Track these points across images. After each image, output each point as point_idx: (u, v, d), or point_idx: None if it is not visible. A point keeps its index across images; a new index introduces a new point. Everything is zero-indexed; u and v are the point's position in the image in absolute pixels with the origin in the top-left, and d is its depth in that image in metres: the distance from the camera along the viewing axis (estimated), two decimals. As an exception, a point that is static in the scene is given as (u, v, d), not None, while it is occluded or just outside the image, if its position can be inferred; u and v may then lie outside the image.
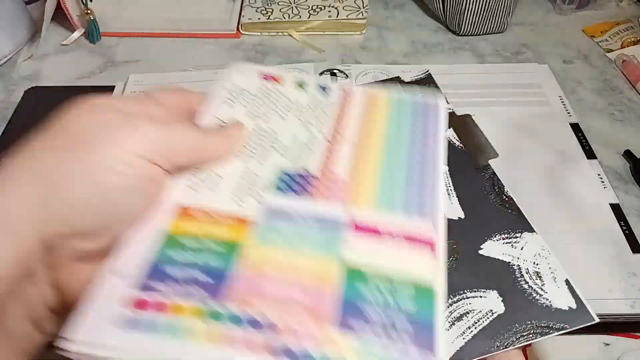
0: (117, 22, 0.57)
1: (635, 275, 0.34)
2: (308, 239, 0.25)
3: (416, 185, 0.28)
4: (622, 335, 0.33)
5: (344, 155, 0.30)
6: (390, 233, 0.26)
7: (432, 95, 0.34)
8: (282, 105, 0.32)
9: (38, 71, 0.53)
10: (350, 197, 0.28)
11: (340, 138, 0.31)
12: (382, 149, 0.31)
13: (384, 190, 0.28)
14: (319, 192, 0.28)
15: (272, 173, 0.28)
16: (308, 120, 0.32)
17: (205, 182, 0.28)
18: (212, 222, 0.26)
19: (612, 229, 0.37)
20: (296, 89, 0.34)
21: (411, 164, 0.30)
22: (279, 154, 0.30)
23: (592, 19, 0.61)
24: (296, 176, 0.29)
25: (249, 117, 0.31)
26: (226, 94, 0.32)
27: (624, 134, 0.46)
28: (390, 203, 0.27)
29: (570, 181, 0.40)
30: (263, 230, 0.25)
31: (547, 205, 0.38)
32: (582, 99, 0.50)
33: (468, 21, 0.56)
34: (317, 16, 0.57)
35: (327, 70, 0.50)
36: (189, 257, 0.24)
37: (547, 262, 0.31)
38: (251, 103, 0.32)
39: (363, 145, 0.31)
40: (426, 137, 0.31)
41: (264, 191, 0.27)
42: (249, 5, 0.59)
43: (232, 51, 0.56)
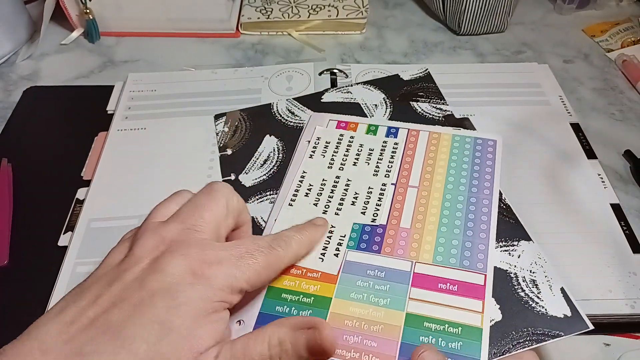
0: (117, 21, 0.57)
1: (635, 274, 0.34)
2: (379, 291, 0.30)
3: (471, 239, 0.32)
4: (623, 335, 0.33)
5: (409, 201, 0.35)
6: (446, 284, 0.30)
7: (490, 132, 0.39)
8: (355, 152, 0.38)
9: (37, 71, 0.53)
10: (413, 248, 0.32)
11: (406, 181, 0.36)
12: (443, 191, 0.35)
13: (442, 244, 0.32)
14: (387, 244, 0.32)
15: (349, 227, 0.33)
16: (377, 164, 0.37)
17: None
18: (304, 277, 0.31)
19: (612, 229, 0.37)
20: (368, 134, 0.39)
21: (468, 210, 0.34)
22: (354, 207, 0.34)
23: (592, 19, 0.60)
24: (369, 229, 0.33)
25: (328, 168, 0.37)
26: (310, 147, 0.39)
27: (624, 134, 0.46)
28: (447, 256, 0.31)
29: (570, 181, 0.40)
30: (343, 285, 0.30)
31: (547, 205, 0.38)
32: (582, 99, 0.50)
33: (468, 20, 0.56)
34: (316, 15, 0.57)
35: (326, 70, 0.50)
36: (289, 310, 0.29)
37: (543, 270, 0.32)
38: (329, 152, 0.38)
39: (426, 187, 0.35)
40: (483, 175, 0.36)
41: (342, 247, 0.32)
42: (248, 4, 0.59)
43: (231, 50, 0.56)
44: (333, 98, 0.44)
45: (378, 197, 0.35)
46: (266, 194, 0.37)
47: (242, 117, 0.43)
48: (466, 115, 0.45)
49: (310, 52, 0.55)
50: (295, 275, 0.31)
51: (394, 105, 0.43)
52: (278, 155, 0.39)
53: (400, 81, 0.46)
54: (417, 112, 0.41)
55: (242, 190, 0.36)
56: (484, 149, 0.38)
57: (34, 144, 0.45)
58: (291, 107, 0.43)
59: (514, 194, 0.39)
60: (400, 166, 0.37)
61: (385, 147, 0.38)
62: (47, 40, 0.56)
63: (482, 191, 0.35)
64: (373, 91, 0.44)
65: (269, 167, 0.39)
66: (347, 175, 0.36)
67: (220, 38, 0.57)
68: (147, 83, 0.49)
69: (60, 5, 0.55)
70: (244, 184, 0.38)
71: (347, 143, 0.38)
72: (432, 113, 0.41)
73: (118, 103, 0.47)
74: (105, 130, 0.44)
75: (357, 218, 0.34)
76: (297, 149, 0.39)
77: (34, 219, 0.39)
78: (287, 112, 0.43)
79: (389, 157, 0.37)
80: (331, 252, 0.32)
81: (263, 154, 0.40)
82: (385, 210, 0.34)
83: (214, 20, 0.56)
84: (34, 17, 0.59)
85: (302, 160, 0.38)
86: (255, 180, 0.38)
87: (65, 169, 0.42)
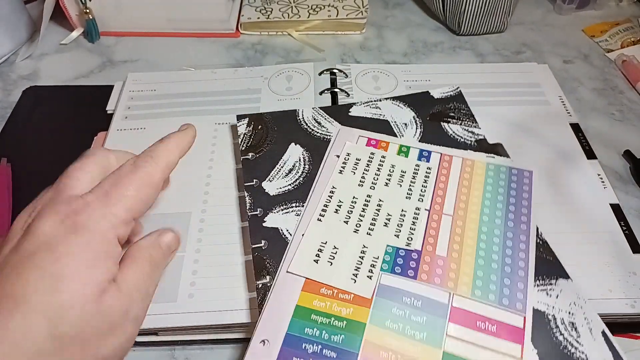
0: (116, 21, 0.57)
1: (635, 274, 0.34)
2: (416, 324, 0.28)
3: (509, 275, 0.31)
4: (622, 335, 0.33)
5: (444, 229, 0.33)
6: (484, 322, 0.29)
7: (523, 163, 0.38)
8: (387, 172, 0.37)
9: (36, 70, 0.53)
10: (451, 278, 0.30)
11: (439, 208, 0.34)
12: (479, 222, 0.33)
13: (480, 277, 0.31)
14: (423, 270, 0.31)
15: (382, 248, 0.32)
16: (410, 187, 0.36)
17: (325, 254, 0.32)
18: (335, 297, 0.29)
19: (612, 229, 0.37)
20: (399, 155, 0.38)
21: (505, 245, 0.32)
22: (387, 228, 0.33)
23: (592, 19, 0.60)
24: (403, 253, 0.32)
25: (358, 185, 0.36)
26: (339, 162, 0.37)
27: (624, 134, 0.46)
28: (485, 292, 0.30)
29: (569, 181, 0.40)
30: (378, 311, 0.29)
31: (547, 205, 0.38)
32: (582, 99, 0.50)
33: (468, 21, 0.56)
34: (316, 16, 0.57)
35: (326, 70, 0.50)
36: (320, 333, 0.28)
37: (582, 311, 0.30)
38: (360, 170, 0.37)
39: (461, 217, 0.34)
40: (520, 208, 0.34)
41: (375, 269, 0.31)
42: (248, 4, 0.59)
43: (231, 50, 0.56)
44: (361, 112, 0.42)
45: (412, 222, 0.34)
46: (291, 206, 0.36)
47: (267, 121, 0.42)
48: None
49: (310, 52, 0.55)
50: (325, 296, 0.29)
51: (425, 125, 0.41)
52: (304, 166, 0.38)
53: (431, 99, 0.44)
54: (448, 135, 0.40)
55: (265, 198, 0.36)
56: (519, 180, 0.36)
57: (33, 143, 0.45)
58: (317, 116, 0.42)
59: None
60: (433, 192, 0.35)
61: (418, 171, 0.37)
62: (47, 40, 0.56)
63: (519, 226, 0.33)
64: (402, 108, 0.42)
65: (295, 178, 0.37)
66: (379, 195, 0.35)
67: (220, 38, 0.57)
68: (146, 83, 0.49)
69: (60, 5, 0.55)
70: (268, 191, 0.36)
71: (379, 162, 0.37)
72: (464, 136, 0.40)
73: (117, 103, 0.47)
74: (104, 130, 0.44)
75: (390, 240, 0.33)
76: (325, 163, 0.38)
77: (34, 218, 0.39)
78: (314, 122, 0.41)
79: (422, 182, 0.36)
80: (364, 274, 0.31)
81: (288, 162, 0.38)
82: (420, 236, 0.33)
83: (214, 20, 0.56)
84: (34, 17, 0.58)
85: (332, 174, 0.37)
86: (280, 189, 0.37)
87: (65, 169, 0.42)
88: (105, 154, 0.27)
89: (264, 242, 0.33)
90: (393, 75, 0.49)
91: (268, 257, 0.33)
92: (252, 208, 0.35)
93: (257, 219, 0.35)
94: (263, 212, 0.35)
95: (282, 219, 0.35)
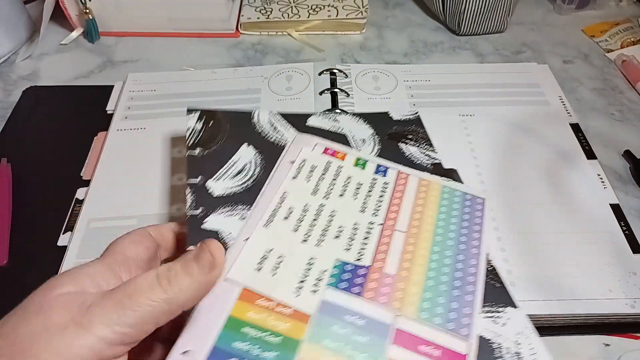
0: (116, 21, 0.56)
1: (635, 274, 0.34)
2: (356, 344, 0.27)
3: (457, 299, 0.30)
4: (622, 335, 0.33)
5: (395, 246, 0.32)
6: (428, 346, 0.27)
7: (478, 189, 0.36)
8: (343, 183, 0.35)
9: (36, 71, 0.53)
10: (397, 297, 0.29)
11: (393, 223, 0.33)
12: (431, 242, 0.32)
13: (428, 298, 0.29)
14: (370, 288, 0.29)
15: (331, 262, 0.30)
16: (365, 200, 0.34)
17: (269, 263, 0.30)
18: (272, 310, 0.27)
19: (612, 229, 0.37)
20: (356, 167, 0.36)
21: (455, 268, 0.31)
22: (338, 240, 0.32)
23: (591, 19, 0.60)
24: (350, 267, 0.30)
25: (312, 194, 0.34)
26: (294, 168, 0.35)
27: (624, 134, 0.46)
28: (432, 314, 0.29)
29: (569, 181, 0.40)
30: (318, 328, 0.27)
31: (546, 205, 0.38)
32: (581, 99, 0.50)
33: (468, 20, 0.56)
34: (316, 16, 0.57)
35: (326, 70, 0.50)
36: (250, 348, 0.26)
37: (528, 342, 0.29)
38: (315, 178, 0.35)
39: (414, 235, 0.33)
40: (471, 233, 0.33)
41: (321, 283, 0.29)
42: (248, 4, 0.59)
43: (231, 50, 0.56)
44: (320, 123, 0.40)
45: (364, 236, 0.32)
46: (237, 209, 0.33)
47: (220, 118, 0.39)
48: (466, 114, 0.45)
49: (310, 52, 0.55)
50: (262, 308, 0.27)
51: (382, 143, 0.39)
52: (255, 169, 0.35)
53: (390, 120, 0.42)
54: (405, 155, 0.38)
55: (208, 198, 0.33)
56: (472, 206, 0.35)
57: (33, 143, 0.45)
58: (274, 121, 0.39)
59: (513, 195, 0.39)
60: (388, 207, 0.34)
61: (374, 185, 0.35)
62: (47, 40, 0.56)
63: (470, 250, 0.32)
64: (361, 125, 0.40)
65: (243, 180, 0.35)
66: (332, 206, 0.33)
67: (220, 38, 0.57)
68: (146, 83, 0.49)
69: (60, 5, 0.55)
70: (212, 191, 0.34)
71: (335, 172, 0.36)
72: (421, 159, 0.38)
73: (118, 103, 0.47)
74: (104, 130, 0.44)
75: (340, 254, 0.31)
76: (278, 167, 0.35)
77: (34, 219, 0.39)
78: (269, 126, 0.39)
79: (378, 196, 0.34)
80: (309, 288, 0.29)
81: (238, 163, 0.36)
82: (371, 251, 0.31)
83: (214, 20, 0.56)
84: (34, 17, 0.58)
85: (285, 180, 0.35)
86: (226, 190, 0.34)
87: (65, 169, 0.42)
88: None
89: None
90: (393, 75, 0.49)
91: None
92: (193, 207, 0.33)
93: (197, 219, 0.32)
94: (204, 212, 0.32)
95: (224, 221, 0.32)
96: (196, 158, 0.35)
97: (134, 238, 0.27)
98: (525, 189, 0.39)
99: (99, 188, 0.40)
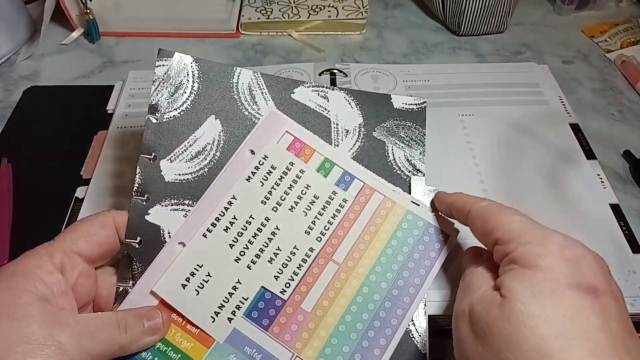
0: (117, 21, 0.57)
1: (635, 273, 0.34)
2: None
3: (362, 351, 0.28)
4: (622, 335, 0.33)
5: (324, 279, 0.29)
6: None
7: (448, 222, 0.31)
8: (298, 194, 0.31)
9: (37, 71, 0.53)
10: (302, 338, 0.28)
11: (332, 251, 0.30)
12: (364, 279, 0.29)
13: (332, 344, 0.28)
14: (279, 322, 0.28)
15: (255, 289, 0.28)
16: (315, 219, 0.31)
17: (195, 281, 0.28)
18: (183, 327, 0.27)
19: (612, 229, 0.37)
20: (319, 171, 0.32)
21: (377, 316, 0.28)
22: (270, 266, 0.29)
23: (591, 19, 0.61)
24: (269, 298, 0.28)
25: (262, 202, 0.31)
26: (251, 166, 0.31)
27: (624, 134, 0.46)
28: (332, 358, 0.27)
29: (569, 181, 0.40)
30: (216, 355, 0.27)
31: (546, 205, 0.38)
32: (581, 99, 0.50)
33: (468, 21, 0.56)
34: (316, 16, 0.57)
35: (326, 70, 0.50)
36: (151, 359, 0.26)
37: None
38: (270, 183, 0.31)
39: (348, 269, 0.30)
40: (416, 272, 0.30)
41: (239, 312, 0.28)
42: (248, 5, 0.59)
43: (231, 51, 0.56)
44: (306, 97, 0.34)
45: (297, 264, 0.29)
46: (183, 203, 0.30)
47: (192, 73, 0.33)
48: (466, 114, 0.45)
49: (310, 53, 0.56)
50: (174, 322, 0.27)
51: (367, 139, 0.34)
52: (215, 153, 0.31)
53: (389, 107, 0.35)
54: (387, 160, 0.33)
55: (158, 182, 0.30)
56: (431, 240, 0.30)
57: (34, 143, 0.45)
58: (254, 87, 0.33)
59: (513, 195, 0.39)
60: (334, 231, 0.30)
61: (332, 201, 0.31)
62: (48, 40, 0.56)
63: (403, 298, 0.29)
64: (352, 109, 0.34)
65: (200, 165, 0.31)
66: (278, 221, 0.30)
67: (220, 38, 0.57)
68: (148, 81, 0.49)
69: (61, 5, 0.55)
70: (164, 174, 0.30)
71: (293, 178, 0.31)
72: (402, 168, 0.33)
73: (118, 101, 0.47)
74: (104, 129, 0.44)
75: (267, 281, 0.29)
76: (235, 158, 0.31)
77: (34, 218, 0.39)
78: (247, 92, 0.33)
79: (330, 216, 0.31)
80: (226, 315, 0.28)
81: (200, 141, 0.31)
82: (296, 282, 0.29)
83: (214, 20, 0.56)
84: (34, 17, 0.59)
85: (237, 180, 0.31)
86: (178, 177, 0.30)
87: (65, 168, 0.42)
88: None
89: (140, 239, 0.29)
90: (392, 75, 0.49)
91: (138, 260, 0.28)
92: (139, 191, 0.29)
93: (141, 207, 0.29)
94: (150, 200, 0.29)
95: (168, 216, 0.29)
96: (154, 125, 0.31)
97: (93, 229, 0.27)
98: (525, 189, 0.39)
99: (99, 187, 0.40)
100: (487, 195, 0.35)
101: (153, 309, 0.27)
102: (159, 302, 0.28)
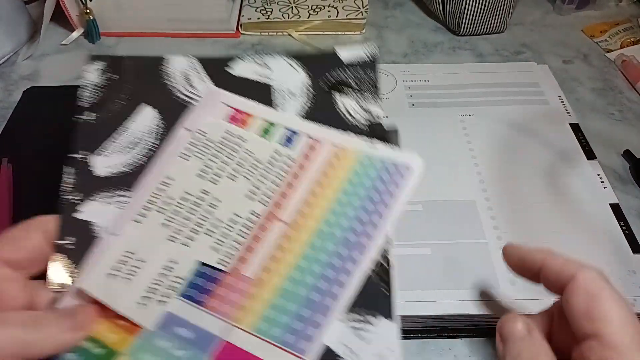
0: (117, 22, 0.57)
1: (635, 273, 0.34)
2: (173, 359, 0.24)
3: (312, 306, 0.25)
4: (622, 335, 0.33)
5: (269, 241, 0.27)
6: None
7: (410, 154, 0.28)
8: (237, 162, 0.29)
9: (37, 71, 0.53)
10: (242, 306, 0.25)
11: (278, 211, 0.28)
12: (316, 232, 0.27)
13: (279, 305, 0.25)
14: (217, 294, 0.26)
15: (192, 267, 0.26)
16: (258, 183, 0.28)
17: (127, 267, 0.26)
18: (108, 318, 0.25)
19: (612, 229, 0.37)
20: (260, 137, 0.30)
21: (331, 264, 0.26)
22: (209, 238, 0.27)
23: (591, 19, 0.61)
24: (206, 272, 0.26)
25: (198, 176, 0.28)
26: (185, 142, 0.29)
27: (624, 134, 0.46)
28: (272, 325, 0.25)
29: (569, 181, 0.40)
30: (142, 342, 0.25)
31: (546, 205, 0.38)
32: (581, 99, 0.50)
33: (468, 21, 0.56)
34: (316, 16, 0.57)
35: (326, 70, 0.50)
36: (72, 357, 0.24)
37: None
38: (207, 156, 0.29)
39: (298, 226, 0.27)
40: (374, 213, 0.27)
41: (173, 293, 0.26)
42: (248, 5, 0.59)
43: (231, 51, 0.56)
44: (246, 72, 0.32)
45: (241, 232, 0.27)
46: (117, 195, 0.28)
47: (126, 69, 0.32)
48: (466, 114, 0.45)
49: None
50: (103, 317, 0.25)
51: (317, 97, 0.31)
52: (155, 142, 0.29)
53: (337, 63, 0.32)
54: (339, 112, 0.31)
55: (89, 179, 0.28)
56: (392, 177, 0.28)
57: (34, 143, 0.45)
58: (190, 72, 0.32)
59: (513, 194, 0.39)
60: (281, 192, 0.28)
61: (276, 162, 0.29)
62: (48, 40, 0.56)
63: (360, 240, 0.26)
64: (297, 72, 0.32)
65: (137, 156, 0.29)
66: (219, 193, 0.28)
67: (220, 38, 0.57)
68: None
69: (61, 5, 0.55)
70: (95, 170, 0.29)
71: (233, 147, 0.29)
72: (357, 117, 0.30)
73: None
74: (105, 130, 0.44)
75: (206, 256, 0.26)
76: (170, 138, 0.30)
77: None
78: (182, 79, 0.32)
79: (275, 176, 0.28)
80: (157, 298, 0.25)
81: (133, 132, 0.30)
82: (239, 250, 0.27)
83: (214, 20, 0.56)
84: (34, 17, 0.59)
85: (171, 160, 0.29)
86: (112, 170, 0.29)
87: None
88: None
89: (73, 239, 0.27)
90: (392, 75, 0.49)
91: (71, 260, 0.26)
92: (69, 191, 0.28)
93: (70, 206, 0.28)
94: (82, 197, 0.28)
95: (100, 210, 0.28)
96: (83, 125, 0.30)
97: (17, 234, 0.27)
98: (525, 189, 0.39)
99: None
100: (487, 195, 0.35)
101: (78, 306, 0.25)
102: (89, 298, 0.26)
